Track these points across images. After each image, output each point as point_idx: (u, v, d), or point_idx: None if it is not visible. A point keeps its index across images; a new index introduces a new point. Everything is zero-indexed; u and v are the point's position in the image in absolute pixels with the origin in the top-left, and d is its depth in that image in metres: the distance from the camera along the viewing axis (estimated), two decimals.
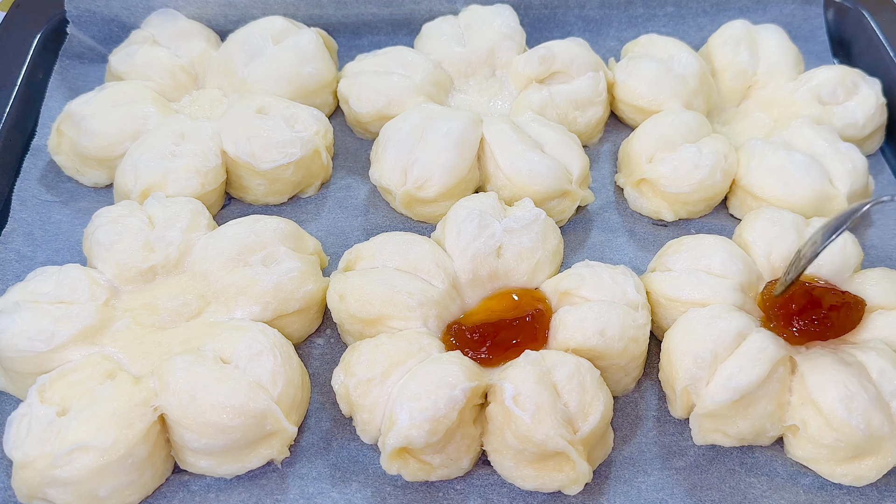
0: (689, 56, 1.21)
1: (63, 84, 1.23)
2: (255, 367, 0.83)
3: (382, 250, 0.95)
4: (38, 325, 0.85)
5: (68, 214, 1.08)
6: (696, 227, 1.11)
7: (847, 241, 0.98)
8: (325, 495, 0.84)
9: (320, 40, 1.20)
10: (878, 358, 0.85)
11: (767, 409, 0.85)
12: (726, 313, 0.89)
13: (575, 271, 0.94)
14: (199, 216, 0.98)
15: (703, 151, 1.08)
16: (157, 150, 1.03)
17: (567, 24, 1.36)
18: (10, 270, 1.00)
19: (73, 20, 1.25)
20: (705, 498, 0.85)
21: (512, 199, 1.04)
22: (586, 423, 0.81)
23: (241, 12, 1.27)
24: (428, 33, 1.26)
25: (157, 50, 1.18)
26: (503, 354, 0.88)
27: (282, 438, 0.84)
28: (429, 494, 0.84)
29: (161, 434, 0.82)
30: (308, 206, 1.12)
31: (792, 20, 1.36)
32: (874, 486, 0.86)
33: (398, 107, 1.15)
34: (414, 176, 1.04)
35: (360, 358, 0.85)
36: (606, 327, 0.87)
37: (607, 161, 1.21)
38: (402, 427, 0.79)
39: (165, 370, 0.82)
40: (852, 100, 1.18)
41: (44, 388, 0.81)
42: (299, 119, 1.10)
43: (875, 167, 1.20)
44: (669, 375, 0.89)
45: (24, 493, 0.78)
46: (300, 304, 0.92)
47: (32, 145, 1.14)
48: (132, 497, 0.81)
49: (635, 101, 1.20)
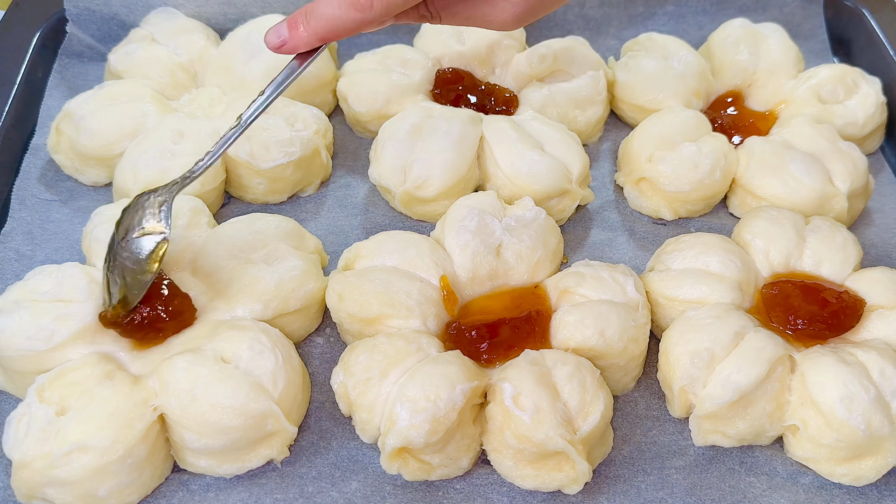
0: (689, 55, 1.21)
1: (62, 83, 1.23)
2: (255, 367, 0.83)
3: (382, 249, 0.95)
4: (38, 324, 0.84)
5: (67, 213, 1.08)
6: (696, 226, 1.11)
7: (847, 240, 0.98)
8: (324, 494, 0.84)
9: None
10: (879, 358, 0.85)
11: (766, 409, 0.85)
12: (724, 312, 0.88)
13: (575, 270, 0.94)
14: (200, 214, 0.98)
15: (703, 150, 1.08)
16: (157, 148, 1.03)
17: (567, 23, 1.35)
18: (9, 269, 1.00)
19: (73, 19, 1.24)
20: (705, 497, 0.85)
21: (512, 198, 1.04)
22: (586, 422, 0.81)
23: (241, 10, 1.27)
24: (427, 31, 1.25)
25: (156, 48, 1.18)
26: (503, 354, 0.87)
27: (282, 438, 0.84)
28: (428, 494, 0.84)
29: (160, 434, 0.82)
30: (307, 204, 1.12)
31: (792, 19, 1.36)
32: (874, 485, 0.86)
33: (397, 105, 1.14)
34: (413, 175, 1.04)
35: (359, 358, 0.84)
36: (606, 327, 0.87)
37: (607, 160, 1.20)
38: (401, 427, 0.79)
39: (165, 370, 0.82)
40: (852, 98, 1.18)
41: (43, 388, 0.81)
42: (299, 118, 1.10)
43: (875, 166, 1.20)
44: (667, 375, 0.89)
45: (23, 492, 0.78)
46: (301, 302, 0.92)
47: (31, 144, 1.14)
48: (132, 497, 0.81)
49: (635, 100, 1.20)
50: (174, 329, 0.88)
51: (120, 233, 0.87)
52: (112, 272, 0.86)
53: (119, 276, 0.86)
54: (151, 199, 0.88)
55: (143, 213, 0.87)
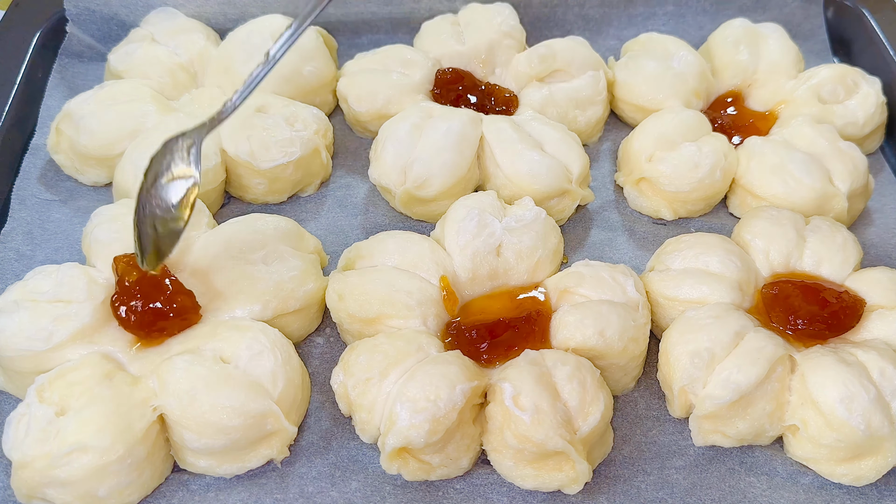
0: (689, 55, 1.21)
1: (62, 83, 1.23)
2: (255, 367, 0.83)
3: (382, 249, 0.95)
4: (37, 325, 0.84)
5: (67, 213, 1.08)
6: (696, 226, 1.11)
7: (847, 240, 0.98)
8: (324, 494, 0.84)
9: (320, 39, 1.20)
10: (879, 358, 0.85)
11: (766, 409, 0.85)
12: (724, 312, 0.88)
13: (575, 270, 0.94)
14: (200, 214, 0.97)
15: (703, 150, 1.08)
16: (157, 148, 1.03)
17: (567, 23, 1.36)
18: (9, 269, 1.00)
19: (73, 19, 1.24)
20: (705, 497, 0.85)
21: (512, 197, 1.04)
22: (586, 422, 0.81)
23: (241, 10, 1.27)
24: (427, 32, 1.25)
25: (156, 48, 1.18)
26: (503, 354, 0.87)
27: (282, 438, 0.84)
28: (428, 494, 0.84)
29: (160, 434, 0.82)
30: (307, 204, 1.12)
31: (792, 19, 1.36)
32: (874, 485, 0.86)
33: (397, 105, 1.14)
34: (413, 175, 1.04)
35: (359, 358, 0.84)
36: (606, 327, 0.87)
37: (607, 160, 1.20)
38: (401, 427, 0.79)
39: (165, 370, 0.82)
40: (852, 98, 1.18)
41: (42, 388, 0.80)
42: (299, 118, 1.10)
43: (875, 166, 1.20)
44: (667, 375, 0.89)
45: (23, 492, 0.78)
46: (300, 302, 0.92)
47: (32, 144, 1.14)
48: (131, 497, 0.81)
49: (635, 100, 1.20)
50: (179, 327, 0.87)
51: (148, 180, 0.84)
52: (142, 224, 0.82)
53: (149, 226, 0.82)
54: (180, 142, 0.85)
55: (172, 157, 0.85)
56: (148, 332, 0.86)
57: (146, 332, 0.86)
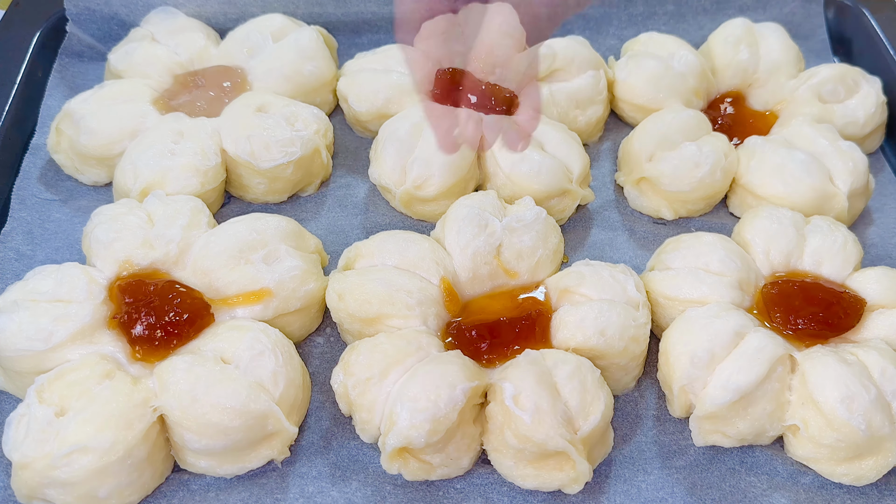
0: (690, 54, 1.21)
1: (62, 82, 1.23)
2: (256, 367, 0.83)
3: (382, 248, 0.95)
4: (37, 325, 0.84)
5: (67, 213, 1.07)
6: (697, 226, 1.11)
7: (847, 240, 0.98)
8: (324, 494, 0.84)
9: (320, 38, 1.20)
10: (880, 358, 0.85)
11: (767, 409, 0.85)
12: (724, 312, 0.88)
13: (575, 270, 0.94)
14: (200, 214, 0.97)
15: (703, 150, 1.08)
16: (157, 148, 1.03)
17: (567, 23, 1.35)
18: (9, 269, 1.00)
19: (73, 18, 1.24)
20: (705, 497, 0.85)
21: (512, 197, 1.04)
22: (587, 422, 0.81)
23: (241, 10, 1.27)
24: (427, 31, 1.25)
25: (156, 48, 1.18)
26: (503, 354, 0.87)
27: (282, 439, 0.84)
28: (429, 493, 0.84)
29: (160, 434, 0.82)
30: (308, 204, 1.12)
31: (792, 18, 1.36)
32: (874, 485, 0.86)
33: (397, 105, 1.14)
34: (413, 175, 1.04)
35: (359, 357, 0.84)
36: (607, 326, 0.87)
37: (607, 159, 1.20)
38: (402, 427, 0.79)
39: (165, 370, 0.82)
40: (853, 98, 1.18)
41: (42, 389, 0.80)
42: (299, 117, 1.10)
43: (875, 165, 1.20)
44: (667, 375, 0.89)
45: (23, 493, 0.78)
46: (301, 302, 0.92)
47: (32, 144, 1.14)
48: (132, 497, 0.81)
49: (635, 100, 1.20)
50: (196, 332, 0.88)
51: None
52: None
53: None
54: None
55: None
56: (167, 348, 0.86)
57: (165, 349, 0.86)
